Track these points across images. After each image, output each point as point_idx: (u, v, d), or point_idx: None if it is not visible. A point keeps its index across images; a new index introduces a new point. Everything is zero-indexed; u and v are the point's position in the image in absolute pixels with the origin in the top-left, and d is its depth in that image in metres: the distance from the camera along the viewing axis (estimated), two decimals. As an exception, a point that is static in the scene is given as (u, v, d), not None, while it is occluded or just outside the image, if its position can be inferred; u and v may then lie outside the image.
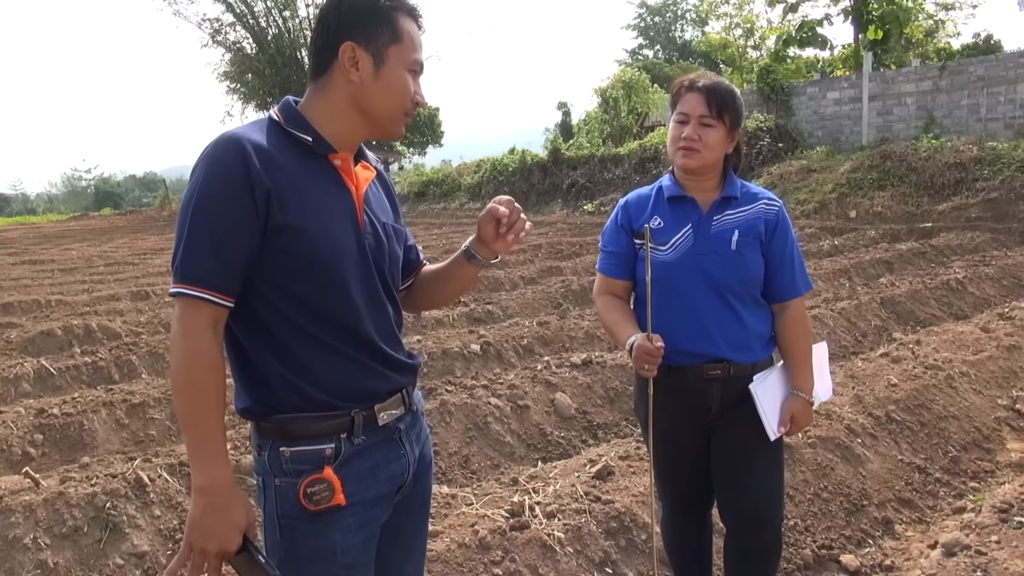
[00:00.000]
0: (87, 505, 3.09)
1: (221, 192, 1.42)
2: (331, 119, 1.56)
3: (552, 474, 3.28)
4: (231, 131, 1.49)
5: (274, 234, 1.45)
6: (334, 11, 1.55)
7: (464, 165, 26.16)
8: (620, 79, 27.53)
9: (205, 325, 1.43)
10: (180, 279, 1.43)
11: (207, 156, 1.45)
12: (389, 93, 1.56)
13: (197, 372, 1.42)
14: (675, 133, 2.22)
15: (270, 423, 1.53)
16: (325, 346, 1.53)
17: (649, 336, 2.12)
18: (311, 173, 1.52)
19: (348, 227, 1.55)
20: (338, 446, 1.53)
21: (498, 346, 5.93)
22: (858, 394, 4.14)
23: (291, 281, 1.49)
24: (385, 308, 1.64)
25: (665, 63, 38.08)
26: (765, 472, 2.27)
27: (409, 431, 1.68)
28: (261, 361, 1.52)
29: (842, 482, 3.45)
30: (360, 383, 1.56)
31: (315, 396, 1.51)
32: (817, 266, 8.73)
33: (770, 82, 19.07)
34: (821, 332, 6.01)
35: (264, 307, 1.50)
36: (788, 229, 2.29)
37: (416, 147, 38.92)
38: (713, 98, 2.17)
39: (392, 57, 1.54)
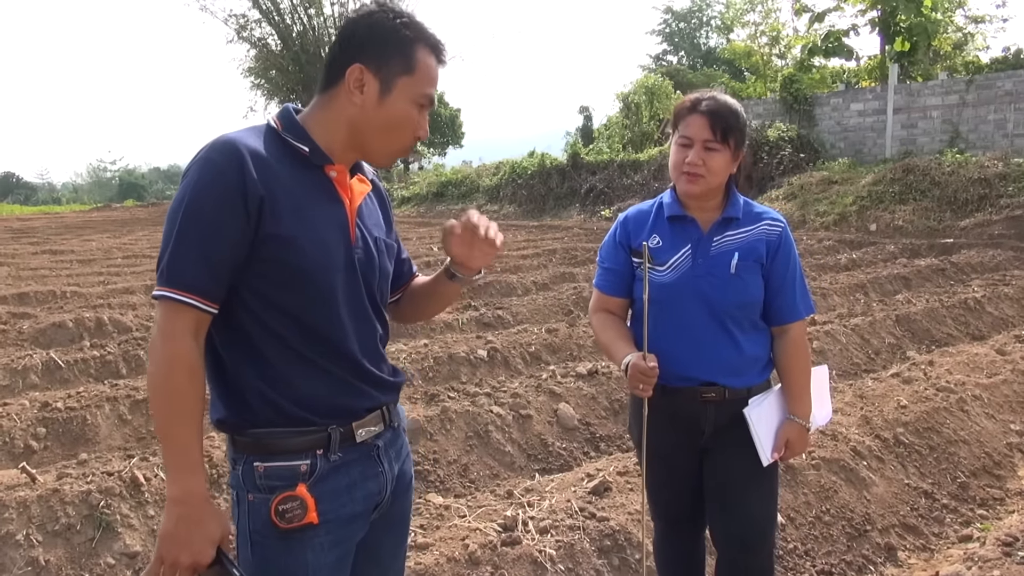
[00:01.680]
0: (81, 503, 3.09)
1: (215, 196, 1.40)
2: (329, 133, 1.54)
3: (548, 488, 3.24)
4: (228, 135, 1.48)
5: (264, 242, 1.43)
6: (354, 30, 1.53)
7: (483, 167, 26.16)
8: (643, 84, 27.36)
9: (187, 331, 1.41)
10: (166, 282, 1.41)
11: (202, 159, 1.43)
12: (389, 124, 1.53)
13: (176, 378, 1.39)
14: (678, 157, 2.15)
15: (245, 437, 1.51)
16: (305, 360, 1.50)
17: (644, 355, 2.07)
18: (306, 183, 1.50)
19: (339, 240, 1.53)
20: (313, 462, 1.50)
21: (505, 353, 5.90)
22: (866, 415, 4.06)
23: (277, 292, 1.47)
24: (371, 324, 1.61)
25: (689, 69, 37.88)
26: (757, 498, 2.22)
27: (388, 448, 1.65)
28: (238, 372, 1.49)
29: (845, 506, 3.38)
30: (338, 400, 1.54)
31: (291, 411, 1.49)
32: (833, 280, 8.62)
33: (793, 92, 18.90)
34: (833, 348, 5.93)
35: (246, 317, 1.47)
36: (791, 251, 2.24)
37: (436, 147, 38.99)
38: (717, 121, 2.10)
39: (400, 88, 1.52)
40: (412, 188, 26.32)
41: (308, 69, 29.82)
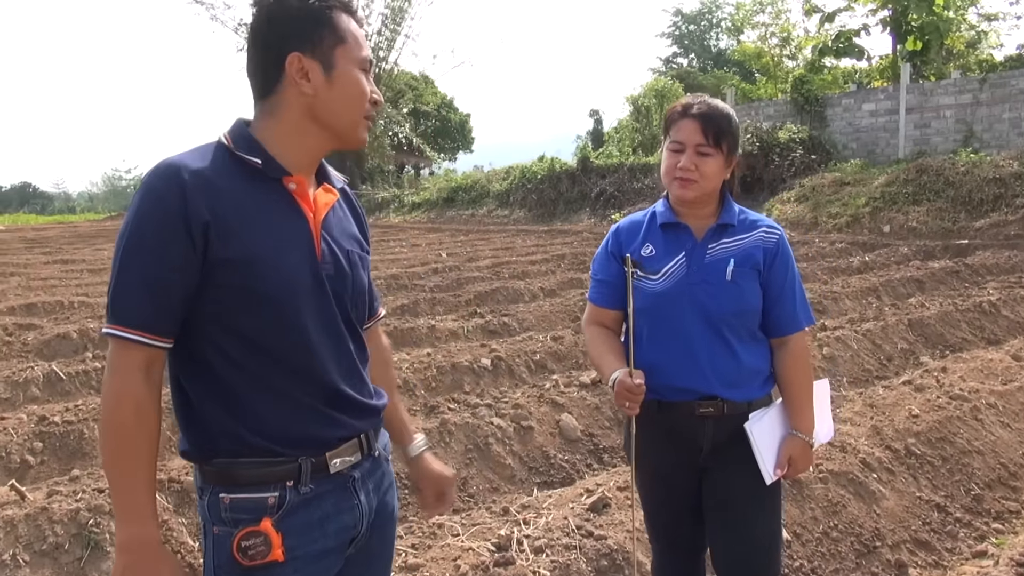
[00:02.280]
0: (70, 522, 3.03)
1: (154, 225, 1.32)
2: (285, 139, 1.45)
3: (546, 504, 3.15)
4: (170, 158, 1.39)
5: (216, 268, 1.34)
6: (269, 24, 1.43)
7: (493, 172, 26.12)
8: (653, 88, 27.29)
9: (136, 368, 1.33)
10: (111, 319, 1.34)
11: (142, 186, 1.35)
12: (346, 98, 1.45)
13: (123, 419, 1.32)
14: (670, 163, 2.08)
15: (211, 466, 1.42)
16: (272, 389, 1.41)
17: (631, 372, 1.99)
18: (261, 200, 1.41)
19: (302, 257, 1.43)
20: (282, 495, 1.41)
21: (510, 361, 5.82)
22: (876, 425, 3.95)
23: (236, 318, 1.37)
24: (346, 344, 1.52)
25: (699, 72, 37.74)
26: (761, 519, 2.13)
27: (366, 478, 1.55)
28: (200, 403, 1.41)
29: (854, 521, 3.28)
30: (309, 430, 1.44)
31: (256, 443, 1.40)
32: (845, 284, 8.49)
33: (804, 92, 18.76)
34: (844, 354, 5.81)
35: (205, 346, 1.39)
36: (788, 259, 2.15)
37: (447, 152, 39.00)
38: (710, 125, 2.03)
39: (341, 59, 1.44)
40: (422, 194, 26.30)
41: (318, 76, 29.88)
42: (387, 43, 31.30)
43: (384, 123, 32.32)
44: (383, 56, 31.48)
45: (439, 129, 38.39)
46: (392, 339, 6.75)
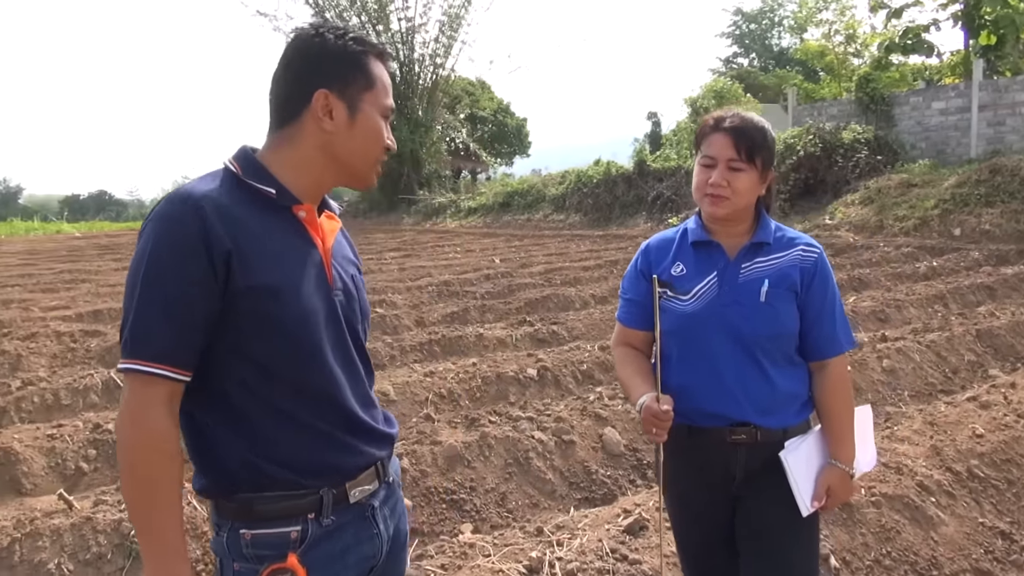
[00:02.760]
0: (113, 532, 3.10)
1: (175, 255, 1.30)
2: (299, 169, 1.45)
3: (581, 524, 3.08)
4: (183, 186, 1.38)
5: (238, 297, 1.32)
6: (303, 57, 1.44)
7: (549, 176, 26.06)
8: (711, 88, 26.80)
9: (160, 403, 1.30)
10: (130, 354, 1.30)
11: (158, 215, 1.34)
12: (365, 141, 1.47)
13: (153, 464, 1.29)
14: (701, 178, 1.99)
15: (230, 502, 1.40)
16: (292, 419, 1.39)
17: (658, 397, 1.91)
18: (274, 227, 1.40)
19: (317, 285, 1.43)
20: (304, 528, 1.39)
21: (556, 371, 5.75)
22: (936, 445, 3.75)
23: (255, 346, 1.35)
24: (358, 371, 1.51)
25: (760, 71, 36.95)
26: (797, 551, 2.01)
27: (383, 506, 1.54)
28: (217, 436, 1.38)
29: (908, 548, 3.11)
30: (331, 460, 1.43)
31: (277, 474, 1.38)
32: (910, 291, 8.15)
33: (870, 91, 18.16)
34: (906, 367, 5.56)
35: (223, 375, 1.36)
36: (828, 278, 2.04)
37: (504, 157, 39.10)
38: (742, 140, 1.94)
39: (366, 104, 1.45)
40: (479, 199, 26.40)
41: (376, 84, 30.32)
42: (444, 49, 31.60)
43: (441, 128, 32.61)
44: (440, 63, 31.78)
45: (496, 134, 38.53)
46: (440, 347, 6.77)
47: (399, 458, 3.81)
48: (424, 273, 11.77)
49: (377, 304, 8.93)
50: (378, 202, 30.52)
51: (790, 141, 17.00)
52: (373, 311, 8.46)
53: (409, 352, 6.53)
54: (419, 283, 10.53)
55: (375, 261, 14.07)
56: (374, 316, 7.94)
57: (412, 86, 31.25)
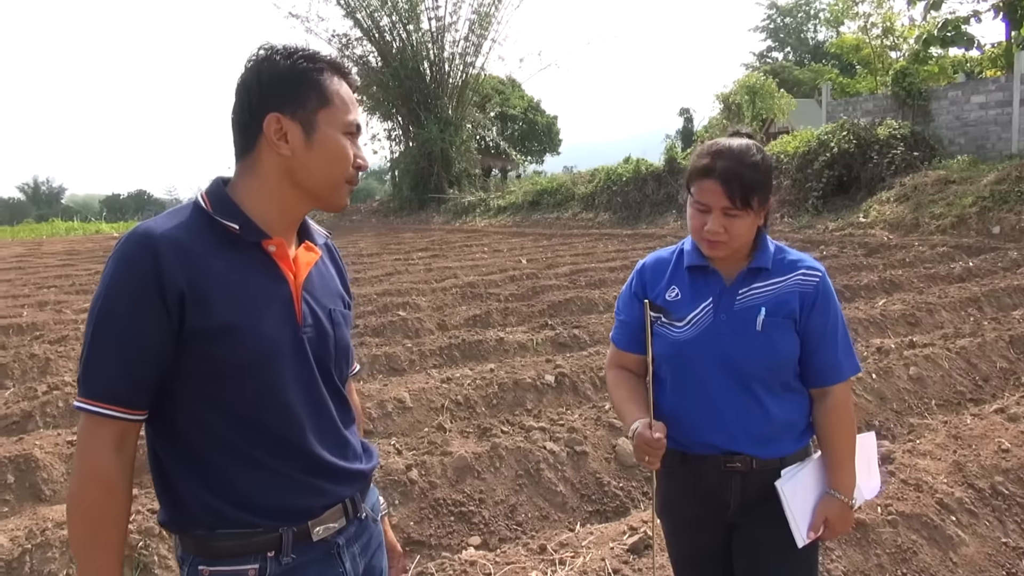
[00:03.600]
0: (121, 543, 3.13)
1: (127, 296, 1.29)
2: (264, 200, 1.41)
3: (586, 541, 3.04)
4: (144, 223, 1.36)
5: (192, 338, 1.31)
6: (253, 81, 1.40)
7: (578, 175, 25.92)
8: (744, 84, 26.47)
9: (107, 444, 1.30)
10: (82, 392, 1.31)
11: (116, 253, 1.33)
12: (325, 162, 1.41)
13: (91, 497, 1.30)
14: (696, 223, 1.90)
15: (190, 537, 1.39)
16: (249, 460, 1.37)
17: (650, 424, 1.86)
18: (239, 265, 1.37)
19: (282, 323, 1.39)
20: (263, 566, 1.37)
21: (574, 377, 5.69)
22: (959, 460, 3.63)
23: (213, 388, 1.34)
24: (327, 410, 1.47)
25: (795, 66, 36.37)
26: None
27: (351, 543, 1.50)
28: (176, 474, 1.37)
29: (925, 569, 3.01)
30: (290, 501, 1.40)
31: (233, 515, 1.36)
32: (943, 293, 7.93)
33: (907, 86, 17.77)
34: (933, 375, 5.40)
35: (181, 416, 1.36)
36: (830, 302, 1.96)
37: (534, 155, 39.02)
38: (736, 188, 1.82)
39: (323, 123, 1.39)
40: (508, 198, 26.37)
41: (407, 84, 30.52)
42: (474, 48, 31.64)
43: (471, 127, 32.64)
44: (470, 61, 31.81)
45: (526, 132, 38.47)
46: (459, 352, 6.75)
47: (409, 469, 3.82)
48: (450, 274, 11.78)
49: (400, 307, 8.96)
50: (408, 201, 30.67)
51: (824, 137, 16.69)
52: (397, 313, 8.48)
53: (429, 357, 6.52)
54: (444, 284, 10.54)
55: (402, 262, 14.13)
56: (396, 320, 7.96)
57: (442, 85, 31.34)
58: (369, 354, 6.30)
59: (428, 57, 31.15)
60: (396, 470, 3.75)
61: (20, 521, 3.37)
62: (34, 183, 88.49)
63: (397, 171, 32.97)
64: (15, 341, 7.74)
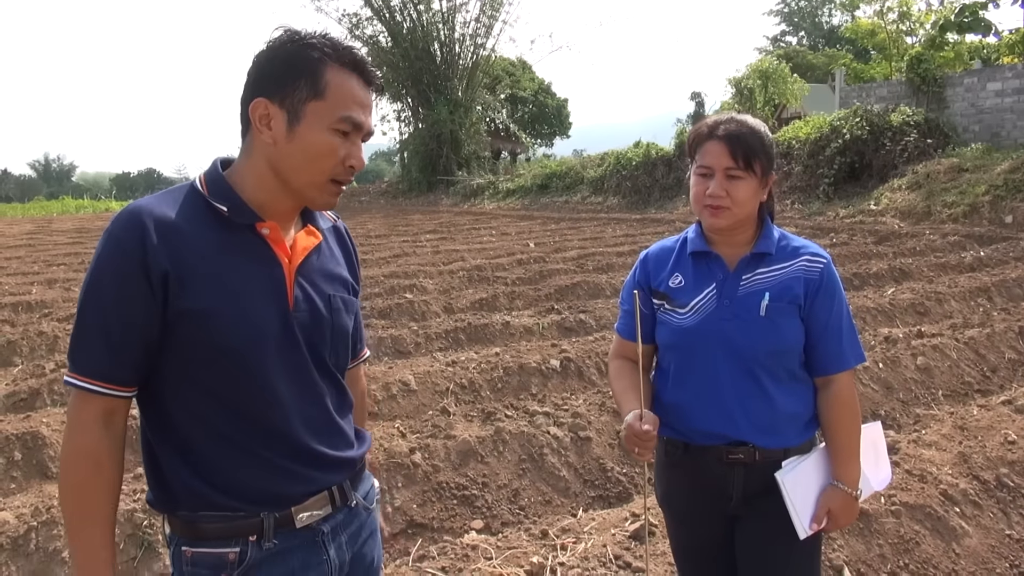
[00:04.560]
0: (126, 522, 3.15)
1: (114, 274, 1.29)
2: (255, 183, 1.40)
3: (588, 527, 3.04)
4: (136, 203, 1.35)
5: (177, 319, 1.31)
6: (254, 63, 1.39)
7: (587, 158, 25.80)
8: (757, 68, 26.20)
9: (94, 419, 1.31)
10: (71, 367, 1.33)
11: (106, 232, 1.33)
12: (305, 157, 1.36)
13: (79, 471, 1.31)
14: (698, 189, 1.91)
15: (175, 518, 1.40)
16: (233, 444, 1.37)
17: (641, 415, 1.85)
18: (229, 247, 1.36)
19: (271, 307, 1.38)
20: (244, 550, 1.37)
21: (579, 362, 5.69)
22: (964, 452, 3.61)
23: (197, 371, 1.34)
24: (320, 396, 1.46)
25: (809, 50, 35.99)
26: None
27: (338, 531, 1.49)
28: (162, 455, 1.38)
29: (928, 560, 3.00)
30: (272, 487, 1.39)
31: (215, 498, 1.36)
32: (952, 283, 7.88)
33: (921, 72, 17.56)
34: (941, 365, 5.37)
35: (167, 397, 1.36)
36: (835, 290, 1.94)
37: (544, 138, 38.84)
38: (738, 147, 1.85)
39: (310, 115, 1.35)
40: (517, 181, 26.28)
41: (417, 65, 30.38)
42: (485, 29, 31.44)
43: (481, 109, 32.49)
44: (480, 43, 31.61)
45: (536, 114, 38.28)
46: (465, 336, 6.75)
47: (412, 452, 3.82)
48: (457, 257, 11.77)
49: (407, 289, 8.96)
50: (417, 182, 30.60)
51: (836, 123, 16.55)
52: (403, 296, 8.48)
53: (435, 340, 6.53)
54: (451, 267, 10.53)
55: (410, 244, 14.12)
56: (403, 302, 7.96)
57: (452, 66, 31.17)
58: (375, 336, 6.30)
59: (438, 38, 30.97)
60: (400, 453, 3.76)
61: (26, 498, 3.40)
62: (45, 160, 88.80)
63: (406, 152, 32.87)
64: (24, 318, 7.79)
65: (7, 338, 6.54)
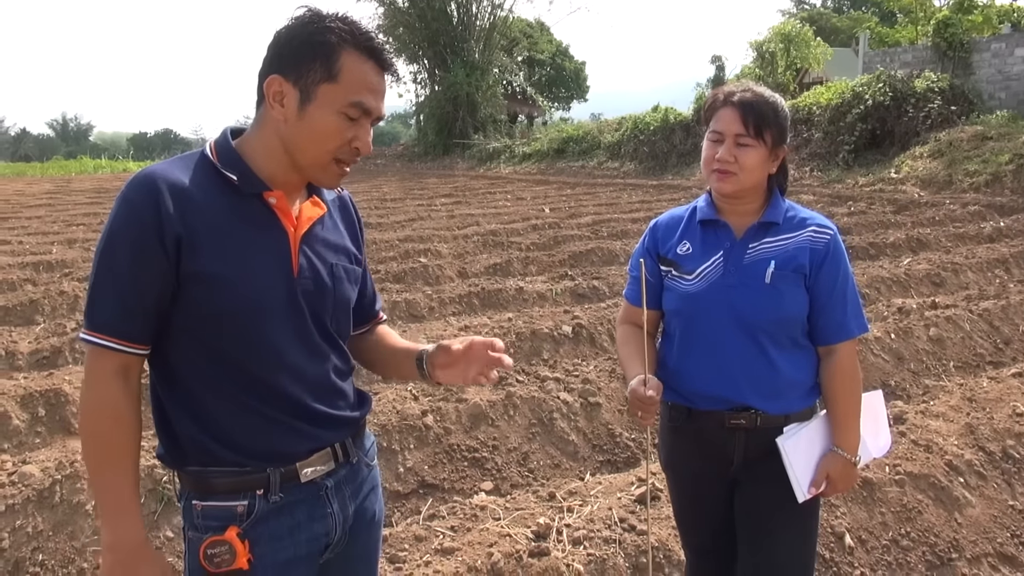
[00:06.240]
0: (146, 477, 3.25)
1: (128, 236, 1.34)
2: (264, 154, 1.44)
3: (595, 491, 3.10)
4: (150, 168, 1.40)
5: (187, 282, 1.36)
6: (273, 40, 1.42)
7: (604, 122, 25.56)
8: (779, 31, 25.71)
9: (111, 374, 1.37)
10: (86, 324, 1.38)
11: (119, 196, 1.38)
12: (312, 137, 1.40)
13: (100, 425, 1.37)
14: (708, 154, 1.95)
15: (185, 473, 1.46)
16: (238, 402, 1.42)
17: (645, 379, 1.90)
18: (238, 215, 1.41)
19: (276, 273, 1.43)
20: (251, 503, 1.43)
21: (591, 329, 5.72)
22: (971, 423, 3.63)
23: (206, 331, 1.39)
24: (322, 359, 1.52)
25: (834, 13, 35.24)
26: (791, 540, 2.00)
27: (342, 486, 1.55)
28: (172, 412, 1.44)
29: (929, 528, 3.05)
30: (276, 445, 1.45)
31: (222, 454, 1.42)
32: (970, 253, 7.82)
33: (948, 36, 17.19)
34: (954, 336, 5.37)
35: (177, 357, 1.42)
36: (840, 261, 1.96)
37: (561, 101, 38.46)
38: (750, 114, 1.89)
39: (321, 97, 1.38)
40: (534, 145, 26.13)
41: (433, 26, 30.09)
42: (503, -10, 30.97)
43: (498, 71, 32.18)
44: (498, 3, 31.20)
45: (553, 77, 37.87)
46: (479, 300, 6.80)
47: (424, 414, 3.90)
48: (472, 221, 11.79)
49: (422, 253, 9.01)
50: (433, 146, 30.49)
51: (858, 89, 16.29)
52: (418, 260, 8.54)
53: (448, 304, 6.59)
54: (465, 232, 10.55)
55: (425, 208, 14.13)
56: (417, 266, 8.02)
57: (469, 27, 30.84)
58: (389, 300, 6.37)
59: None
60: (412, 415, 3.84)
61: (51, 453, 3.51)
62: (63, 120, 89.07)
63: (422, 115, 32.71)
64: (45, 278, 7.92)
65: (29, 297, 6.67)
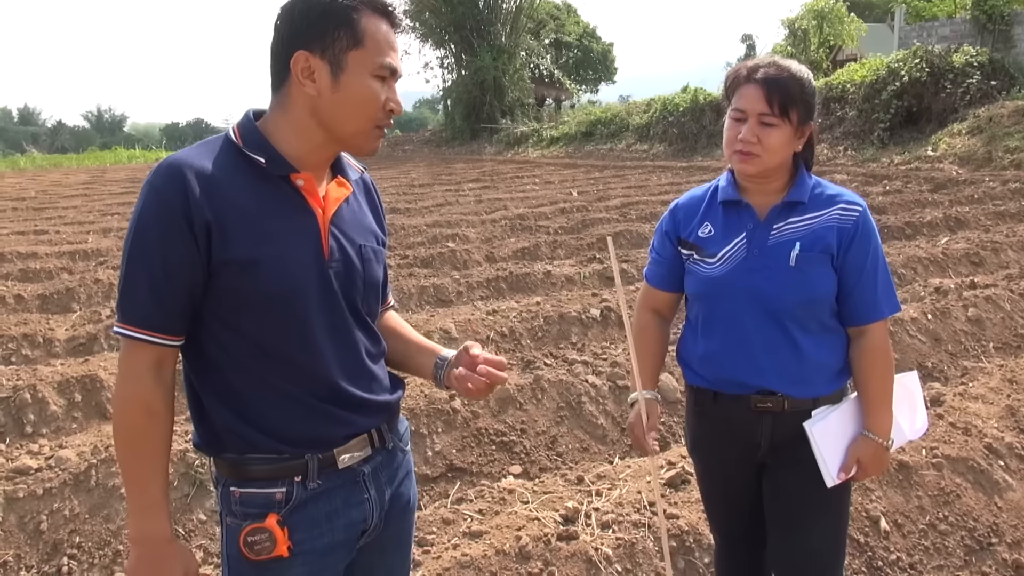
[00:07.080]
0: (179, 461, 3.30)
1: (158, 226, 1.32)
2: (293, 136, 1.42)
3: (623, 474, 3.08)
4: (175, 155, 1.38)
5: (219, 269, 1.34)
6: (286, 16, 1.39)
7: (633, 104, 25.30)
8: (812, 8, 25.20)
9: (145, 368, 1.35)
10: (119, 318, 1.36)
11: (147, 184, 1.36)
12: (352, 105, 1.39)
13: (133, 418, 1.36)
14: (731, 133, 1.87)
15: (222, 460, 1.46)
16: (276, 390, 1.41)
17: (646, 410, 1.97)
18: (266, 198, 1.39)
19: (309, 257, 1.41)
20: (290, 490, 1.43)
21: (620, 312, 5.68)
22: (1012, 405, 3.54)
23: (241, 319, 1.38)
24: (355, 343, 1.50)
25: (868, -12, 34.37)
26: (821, 527, 1.96)
27: (378, 472, 1.54)
28: (208, 401, 1.43)
29: (968, 513, 2.98)
30: (314, 430, 1.44)
31: (260, 442, 1.41)
32: (1011, 232, 7.62)
33: (988, 9, 16.71)
34: (994, 317, 5.23)
35: (212, 345, 1.40)
36: (870, 238, 1.89)
37: (589, 84, 38.14)
38: (775, 92, 1.80)
39: (353, 64, 1.37)
40: (561, 128, 25.96)
41: (460, 10, 29.96)
42: (529, -29, 30.71)
43: (525, 55, 31.99)
44: (525, -15, 30.95)
45: (581, 60, 37.54)
46: (507, 284, 6.78)
47: (452, 398, 3.89)
48: (500, 206, 11.75)
49: (450, 238, 9.01)
50: (460, 131, 30.44)
51: (894, 66, 15.91)
52: (446, 245, 8.54)
53: (476, 288, 6.58)
54: (494, 216, 10.53)
55: (453, 193, 14.13)
56: (445, 251, 8.01)
57: (496, 10, 30.67)
58: (417, 285, 6.38)
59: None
60: (440, 399, 3.84)
61: (86, 437, 3.58)
62: (97, 111, 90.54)
63: (449, 100, 32.65)
64: (81, 266, 8.06)
65: (66, 285, 6.79)
